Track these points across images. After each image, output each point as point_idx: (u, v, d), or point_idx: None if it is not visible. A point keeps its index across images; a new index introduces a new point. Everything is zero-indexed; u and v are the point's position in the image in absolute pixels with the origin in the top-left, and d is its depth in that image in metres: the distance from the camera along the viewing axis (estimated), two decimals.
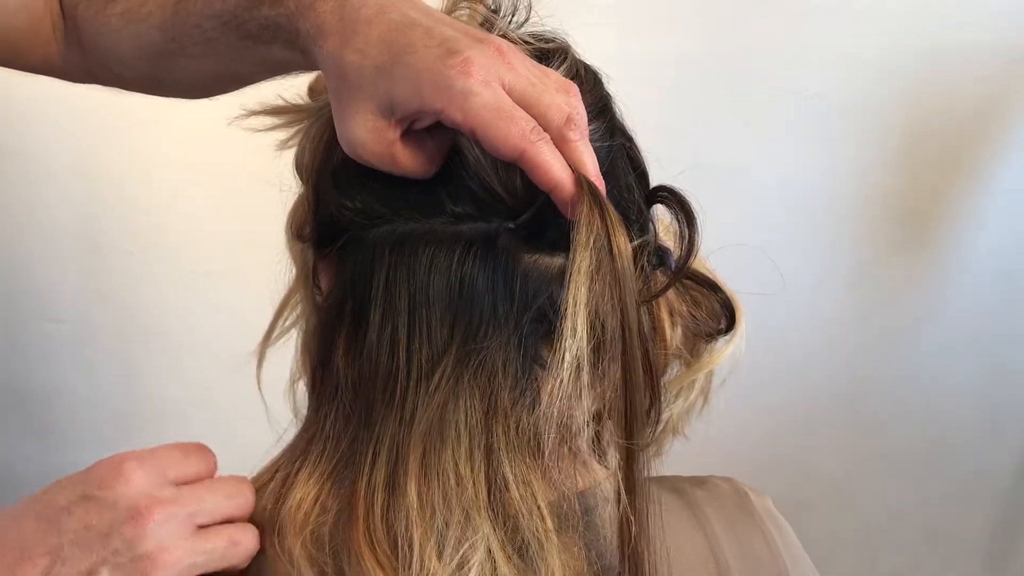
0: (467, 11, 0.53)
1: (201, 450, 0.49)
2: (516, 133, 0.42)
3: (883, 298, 1.40)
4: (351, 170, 0.49)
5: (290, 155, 0.56)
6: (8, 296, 1.24)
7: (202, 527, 0.45)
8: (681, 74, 1.22)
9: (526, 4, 0.53)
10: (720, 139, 1.25)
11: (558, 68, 0.50)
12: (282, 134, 0.55)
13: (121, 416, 1.32)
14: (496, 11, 0.53)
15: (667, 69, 1.21)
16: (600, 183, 0.44)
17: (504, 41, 0.45)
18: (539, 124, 0.43)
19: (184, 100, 0.62)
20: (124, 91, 0.63)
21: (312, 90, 0.56)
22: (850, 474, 1.53)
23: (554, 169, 0.43)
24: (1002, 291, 1.43)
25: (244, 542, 0.46)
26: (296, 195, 0.56)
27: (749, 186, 1.29)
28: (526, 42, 0.51)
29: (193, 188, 1.17)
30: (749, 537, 0.57)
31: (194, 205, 1.18)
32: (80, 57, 0.64)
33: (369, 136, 0.45)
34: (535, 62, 0.47)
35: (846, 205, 1.33)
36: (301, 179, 0.54)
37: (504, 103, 0.42)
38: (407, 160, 0.46)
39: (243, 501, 0.47)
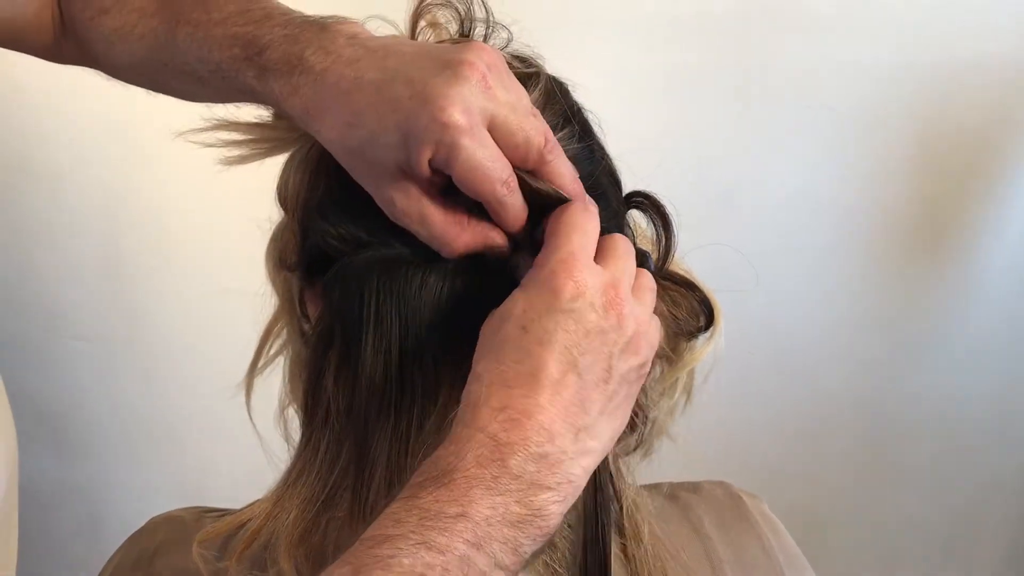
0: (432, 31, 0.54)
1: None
2: (488, 190, 0.45)
3: (898, 307, 1.41)
4: (337, 201, 0.50)
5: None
6: (32, 313, 1.25)
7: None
8: (694, 87, 1.23)
9: (501, 25, 0.54)
10: (732, 151, 1.27)
11: (533, 90, 0.52)
12: (232, 151, 0.55)
13: (142, 431, 1.33)
14: (467, 35, 0.54)
15: (680, 82, 1.23)
16: (578, 186, 0.48)
17: (486, 56, 0.46)
18: (521, 149, 0.46)
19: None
20: (147, 107, 0.64)
21: (277, 114, 0.56)
22: (866, 485, 1.52)
23: (507, 217, 0.47)
24: (1018, 300, 1.43)
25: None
26: (274, 225, 0.57)
27: (761, 197, 1.30)
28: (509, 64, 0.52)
29: (215, 206, 1.18)
30: (744, 540, 0.57)
31: (216, 222, 1.19)
32: (75, 49, 0.65)
33: (401, 198, 0.46)
34: (509, 75, 0.48)
35: (860, 216, 1.34)
36: (285, 210, 0.55)
37: (483, 158, 0.45)
38: (439, 220, 0.47)
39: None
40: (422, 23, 0.54)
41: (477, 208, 0.47)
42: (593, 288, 0.44)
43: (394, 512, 0.39)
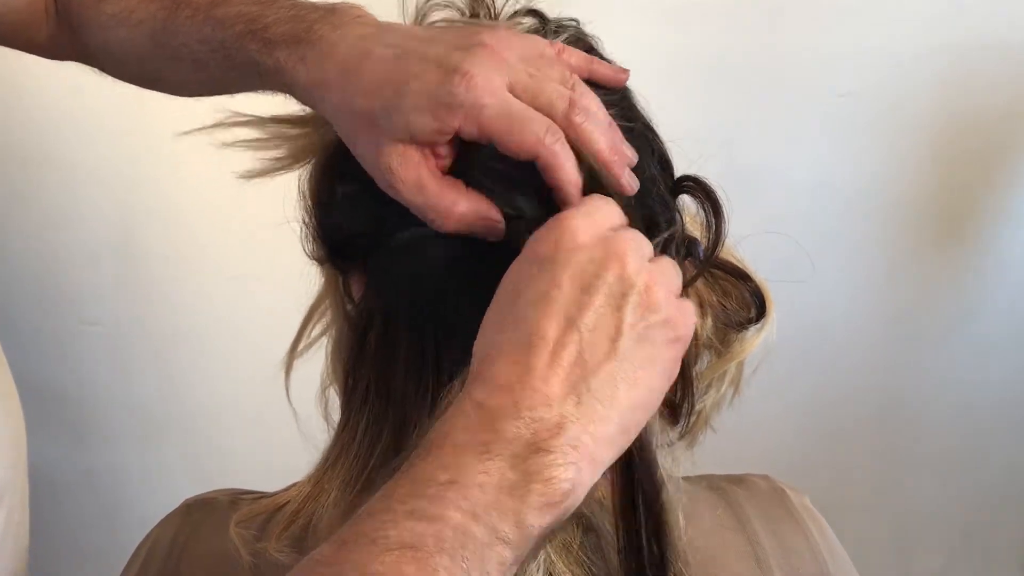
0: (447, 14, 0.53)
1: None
2: (531, 139, 0.43)
3: (918, 297, 1.40)
4: (357, 190, 0.50)
5: None
6: (44, 298, 1.26)
7: None
8: (715, 73, 1.23)
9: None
10: (753, 138, 1.26)
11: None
12: (247, 153, 0.54)
13: (154, 418, 1.33)
14: (476, 15, 0.53)
15: (701, 68, 1.22)
16: (619, 156, 0.46)
17: (499, 34, 0.46)
18: (544, 112, 0.44)
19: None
20: (161, 96, 0.64)
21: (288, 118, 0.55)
22: (885, 474, 1.52)
23: (564, 169, 0.44)
24: None
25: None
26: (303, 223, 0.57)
27: (783, 185, 1.29)
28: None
29: (228, 193, 1.18)
30: (789, 534, 0.56)
31: (229, 209, 1.19)
32: (70, 40, 0.65)
33: (399, 163, 0.45)
34: (526, 42, 0.47)
35: (881, 203, 1.33)
36: (311, 206, 0.55)
37: (514, 109, 0.44)
38: (435, 186, 0.46)
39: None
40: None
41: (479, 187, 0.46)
42: (592, 239, 0.41)
43: (386, 486, 0.37)
